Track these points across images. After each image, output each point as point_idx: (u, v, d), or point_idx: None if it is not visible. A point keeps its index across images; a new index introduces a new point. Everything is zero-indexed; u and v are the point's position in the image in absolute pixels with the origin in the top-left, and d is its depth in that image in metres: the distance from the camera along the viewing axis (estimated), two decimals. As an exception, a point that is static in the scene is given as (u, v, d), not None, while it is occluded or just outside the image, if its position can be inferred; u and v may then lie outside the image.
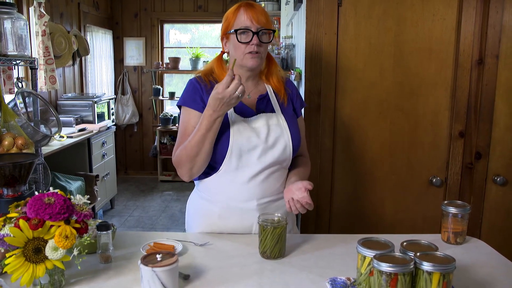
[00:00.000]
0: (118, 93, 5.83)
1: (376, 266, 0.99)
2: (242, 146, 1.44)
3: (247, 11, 1.42)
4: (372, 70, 1.94)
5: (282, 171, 1.51)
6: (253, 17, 1.41)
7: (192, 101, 1.49)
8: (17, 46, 2.41)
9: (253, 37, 1.41)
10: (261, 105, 1.52)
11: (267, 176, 1.47)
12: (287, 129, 1.49)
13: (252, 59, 1.44)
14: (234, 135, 1.43)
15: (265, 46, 1.46)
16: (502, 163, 1.96)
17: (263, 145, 1.45)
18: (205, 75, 1.54)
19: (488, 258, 1.33)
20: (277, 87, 1.56)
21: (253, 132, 1.45)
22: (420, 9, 1.88)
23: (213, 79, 1.53)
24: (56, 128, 2.56)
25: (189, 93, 1.51)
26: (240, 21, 1.42)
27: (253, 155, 1.44)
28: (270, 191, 1.49)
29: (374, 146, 2.00)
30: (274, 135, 1.47)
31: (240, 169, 1.45)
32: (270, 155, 1.46)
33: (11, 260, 1.03)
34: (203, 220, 1.54)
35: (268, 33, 1.45)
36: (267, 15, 1.46)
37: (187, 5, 5.77)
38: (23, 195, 1.45)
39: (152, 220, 4.44)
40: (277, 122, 1.49)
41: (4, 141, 1.86)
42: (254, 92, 1.54)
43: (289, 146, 1.48)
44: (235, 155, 1.44)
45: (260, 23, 1.42)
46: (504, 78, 1.90)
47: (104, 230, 1.24)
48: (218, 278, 1.18)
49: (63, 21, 4.55)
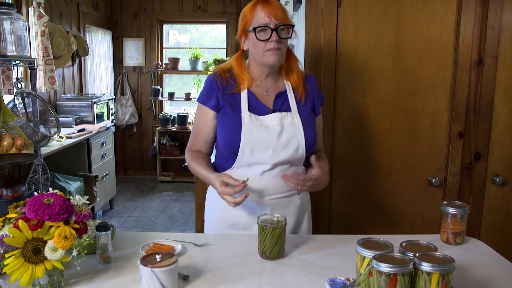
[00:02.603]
0: (117, 93, 5.82)
1: (375, 267, 0.99)
2: (253, 145, 1.45)
3: (264, 8, 1.41)
4: (372, 70, 1.94)
5: (295, 168, 1.51)
6: (270, 13, 1.40)
7: (207, 99, 1.53)
8: (16, 47, 2.41)
9: (272, 34, 1.40)
10: (278, 103, 1.52)
11: (279, 173, 1.48)
12: (301, 129, 1.48)
13: (273, 56, 1.43)
14: (245, 134, 1.45)
15: (285, 42, 1.45)
16: (501, 164, 1.97)
17: (275, 145, 1.46)
18: (223, 72, 1.54)
19: (487, 258, 1.33)
20: (296, 83, 1.55)
21: (266, 131, 1.46)
22: (419, 10, 1.89)
23: (230, 76, 1.53)
24: (55, 128, 2.57)
25: (206, 91, 1.54)
26: (258, 19, 1.42)
27: (265, 154, 1.46)
28: (282, 187, 1.50)
29: (373, 146, 2.00)
30: (287, 135, 1.47)
31: (253, 165, 1.48)
32: (282, 155, 1.47)
33: (11, 260, 1.03)
34: (219, 211, 1.57)
35: (287, 28, 1.44)
36: (284, 10, 1.45)
37: (187, 6, 5.77)
38: (22, 196, 1.45)
39: (151, 221, 4.44)
40: (292, 122, 1.48)
41: (3, 142, 1.86)
42: (273, 89, 1.54)
43: (302, 146, 1.48)
44: (247, 153, 1.46)
45: (278, 19, 1.40)
46: (503, 78, 1.90)
47: (104, 230, 1.24)
48: (217, 278, 1.18)
49: (63, 21, 4.55)
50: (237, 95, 1.51)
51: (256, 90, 1.53)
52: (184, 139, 5.95)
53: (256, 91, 1.52)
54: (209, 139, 1.57)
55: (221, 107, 1.51)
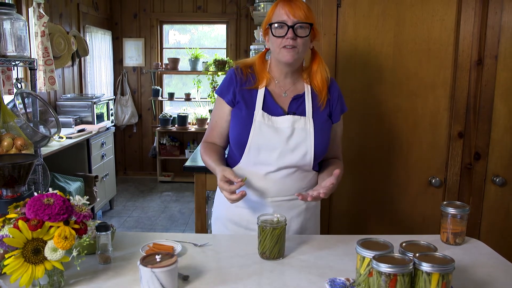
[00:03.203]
0: (117, 93, 5.83)
1: (375, 267, 0.99)
2: (260, 145, 1.45)
3: (284, 6, 1.41)
4: (371, 71, 1.94)
5: (301, 173, 1.49)
6: (289, 11, 1.39)
7: (225, 92, 1.53)
8: (16, 47, 2.41)
9: (288, 30, 1.39)
10: (294, 105, 1.50)
11: (285, 176, 1.47)
12: (311, 135, 1.46)
13: (288, 54, 1.41)
14: (254, 132, 1.45)
15: (303, 41, 1.42)
16: (501, 164, 1.97)
17: (283, 148, 1.45)
18: (245, 67, 1.54)
19: (487, 259, 1.33)
20: (319, 87, 1.51)
21: (275, 133, 1.45)
22: (419, 10, 1.89)
23: (251, 72, 1.53)
24: (55, 128, 2.57)
25: (225, 84, 1.54)
26: (277, 15, 1.42)
27: (272, 155, 1.45)
28: (286, 190, 1.49)
29: (373, 146, 2.00)
30: (296, 139, 1.45)
31: (258, 165, 1.48)
32: (289, 159, 1.45)
33: (10, 261, 1.03)
34: (223, 207, 1.58)
35: (306, 27, 1.41)
36: (306, 9, 1.42)
37: (187, 6, 5.77)
38: (22, 196, 1.45)
39: (151, 221, 4.44)
40: (304, 126, 1.46)
41: (3, 142, 1.86)
42: (291, 91, 1.52)
43: (310, 152, 1.45)
44: (253, 151, 1.46)
45: (296, 17, 1.39)
46: (503, 78, 1.90)
47: (103, 230, 1.24)
48: (217, 278, 1.18)
49: (62, 21, 4.55)
50: (254, 91, 1.50)
51: (274, 89, 1.51)
52: (184, 139, 5.95)
53: (274, 91, 1.51)
54: (224, 133, 1.56)
55: (236, 102, 1.51)
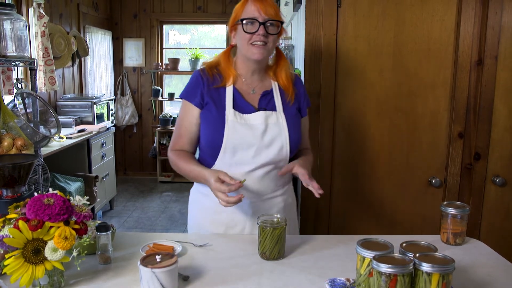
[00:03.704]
0: (117, 94, 5.82)
1: (375, 267, 0.99)
2: (236, 144, 1.43)
3: (255, 2, 1.41)
4: (371, 71, 1.94)
5: (277, 170, 1.49)
6: (260, 8, 1.40)
7: (192, 95, 1.49)
8: (17, 47, 2.41)
9: (259, 27, 1.39)
10: (264, 101, 1.50)
11: (262, 175, 1.47)
12: (285, 129, 1.46)
13: (257, 51, 1.41)
14: (228, 132, 1.42)
15: (272, 38, 1.43)
16: (501, 164, 1.97)
17: (258, 144, 1.43)
18: (210, 68, 1.52)
19: (487, 259, 1.33)
20: (285, 84, 1.53)
21: (249, 130, 1.43)
22: (419, 10, 1.89)
23: (217, 72, 1.51)
24: (55, 129, 2.57)
25: (191, 86, 1.51)
26: (247, 12, 1.41)
27: (248, 153, 1.44)
28: (264, 190, 1.49)
29: (373, 146, 2.00)
30: (271, 134, 1.45)
31: (234, 166, 1.45)
32: (265, 155, 1.44)
33: (11, 261, 1.03)
34: (200, 213, 1.55)
35: (276, 24, 1.42)
36: (276, 7, 1.44)
37: (187, 6, 5.77)
38: (22, 196, 1.45)
39: (151, 221, 4.44)
40: (276, 121, 1.46)
41: (3, 142, 1.86)
42: (259, 87, 1.52)
43: (286, 146, 1.46)
44: (229, 152, 1.44)
45: (268, 14, 1.40)
46: (503, 79, 1.90)
47: (104, 231, 1.24)
48: (217, 279, 1.18)
49: (63, 22, 4.55)
50: (221, 90, 1.48)
51: (242, 87, 1.50)
52: (184, 139, 5.94)
53: (241, 88, 1.50)
54: (194, 138, 1.52)
55: (205, 104, 1.48)
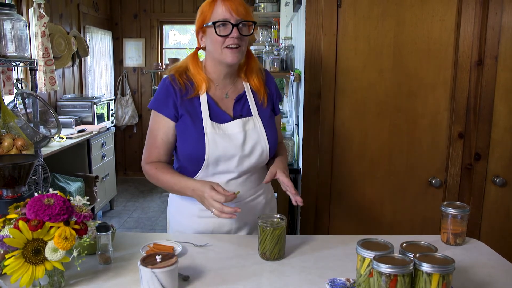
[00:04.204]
0: (117, 94, 5.83)
1: (375, 267, 0.99)
2: (218, 157, 1.40)
3: (224, 2, 1.33)
4: (371, 71, 1.94)
5: (258, 172, 1.51)
6: (231, 8, 1.32)
7: (163, 106, 1.41)
8: (17, 47, 2.41)
9: (232, 29, 1.32)
10: (238, 107, 1.46)
11: (244, 180, 1.47)
12: (263, 133, 1.45)
13: (232, 54, 1.35)
14: (209, 146, 1.38)
15: (245, 40, 1.37)
16: (501, 164, 1.97)
17: (240, 154, 1.42)
18: (179, 75, 1.43)
19: (487, 259, 1.33)
20: (257, 86, 1.49)
21: (229, 141, 1.40)
22: (419, 10, 1.89)
23: (187, 78, 1.43)
24: (55, 129, 2.57)
25: (162, 97, 1.42)
26: (218, 13, 1.33)
27: (231, 163, 1.42)
28: (247, 193, 1.49)
29: (373, 147, 2.00)
30: (251, 142, 1.43)
31: (217, 175, 1.44)
32: (247, 163, 1.44)
33: (11, 261, 1.03)
34: (184, 219, 1.52)
35: (249, 25, 1.35)
36: (246, 6, 1.36)
37: (187, 6, 5.77)
38: (22, 196, 1.45)
39: (151, 221, 4.44)
40: (254, 127, 1.44)
41: (3, 142, 1.86)
42: (232, 91, 1.48)
43: (266, 151, 1.46)
44: (212, 165, 1.42)
45: (239, 15, 1.32)
46: (503, 79, 1.90)
47: (104, 231, 1.24)
48: (217, 279, 1.18)
49: (63, 22, 4.55)
50: (195, 100, 1.42)
51: (215, 93, 1.45)
52: (184, 139, 5.95)
53: (215, 95, 1.45)
54: (171, 149, 1.47)
55: (180, 116, 1.41)
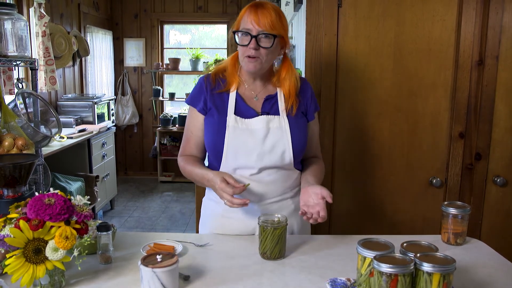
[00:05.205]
0: (118, 94, 5.83)
1: (376, 267, 0.99)
2: (237, 149, 1.42)
3: (251, 13, 1.37)
4: (372, 71, 1.94)
5: (284, 172, 1.48)
6: (254, 20, 1.36)
7: (195, 100, 1.51)
8: (17, 47, 2.41)
9: (251, 40, 1.37)
10: (267, 106, 1.48)
11: (267, 178, 1.45)
12: (288, 133, 1.44)
13: (249, 63, 1.40)
14: (228, 137, 1.42)
15: (266, 52, 1.39)
16: (502, 164, 1.97)
17: (260, 149, 1.42)
18: (215, 74, 1.52)
19: (488, 259, 1.33)
20: (287, 95, 1.49)
21: (250, 135, 1.42)
22: (420, 10, 1.89)
23: (222, 77, 1.51)
24: (56, 128, 2.57)
25: (196, 93, 1.52)
26: (244, 22, 1.40)
27: (250, 158, 1.42)
28: (271, 193, 1.47)
29: (373, 147, 2.00)
30: (272, 139, 1.43)
31: (238, 170, 1.44)
32: (268, 159, 1.43)
33: (11, 260, 1.03)
34: (210, 220, 1.55)
35: (271, 37, 1.37)
36: (276, 18, 1.37)
37: (187, 6, 5.77)
38: (23, 196, 1.45)
39: (152, 221, 4.44)
40: (279, 125, 1.44)
41: (4, 142, 1.86)
42: (262, 93, 1.50)
43: (289, 151, 1.44)
44: (231, 156, 1.43)
45: (261, 27, 1.35)
46: (504, 79, 1.90)
47: (104, 230, 1.24)
48: (218, 278, 1.18)
49: (63, 21, 4.55)
50: (225, 96, 1.48)
51: (245, 93, 1.49)
52: (184, 139, 5.95)
53: (244, 94, 1.49)
54: (200, 143, 1.53)
55: (208, 109, 1.49)
